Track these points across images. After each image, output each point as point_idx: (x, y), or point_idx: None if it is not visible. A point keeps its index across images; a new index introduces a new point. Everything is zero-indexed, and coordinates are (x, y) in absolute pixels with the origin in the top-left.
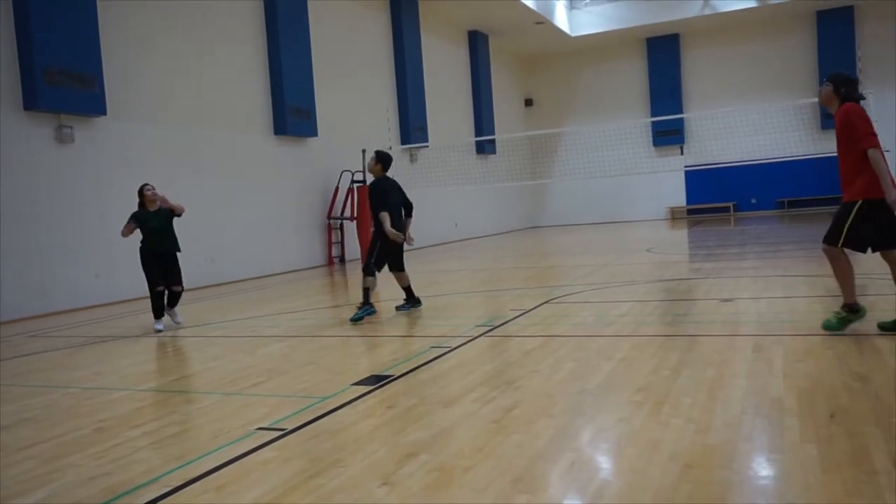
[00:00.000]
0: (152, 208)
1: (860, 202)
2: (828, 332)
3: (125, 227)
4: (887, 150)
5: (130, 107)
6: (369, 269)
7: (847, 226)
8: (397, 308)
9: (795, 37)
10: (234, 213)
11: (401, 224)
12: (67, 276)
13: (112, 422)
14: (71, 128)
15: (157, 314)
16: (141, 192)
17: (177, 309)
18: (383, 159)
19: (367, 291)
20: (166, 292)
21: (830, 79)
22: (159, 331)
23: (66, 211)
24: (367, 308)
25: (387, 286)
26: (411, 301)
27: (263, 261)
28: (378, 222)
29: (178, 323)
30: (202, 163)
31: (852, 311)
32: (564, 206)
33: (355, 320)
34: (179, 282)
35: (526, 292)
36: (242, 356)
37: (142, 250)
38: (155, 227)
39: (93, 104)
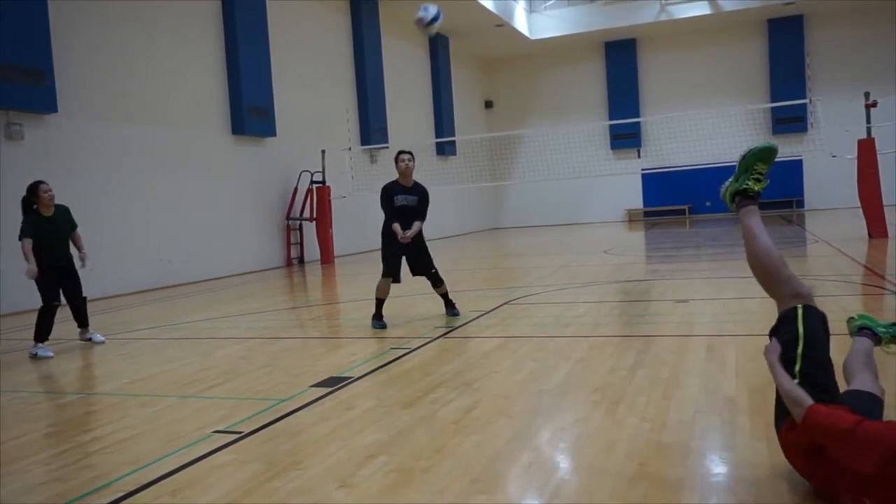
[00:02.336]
0: (48, 213)
1: None
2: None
3: (26, 243)
4: (834, 156)
5: (83, 104)
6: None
7: None
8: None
9: (748, 43)
10: (190, 213)
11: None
12: (16, 276)
13: (62, 426)
14: (20, 125)
15: (46, 336)
16: (34, 192)
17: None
18: None
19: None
20: (61, 308)
21: None
22: (48, 357)
23: (16, 210)
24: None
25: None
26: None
27: (221, 262)
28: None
29: (100, 341)
30: (157, 162)
31: None
32: (524, 208)
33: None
34: (80, 294)
35: (485, 293)
36: (199, 358)
37: (39, 271)
38: (53, 237)
39: (43, 101)
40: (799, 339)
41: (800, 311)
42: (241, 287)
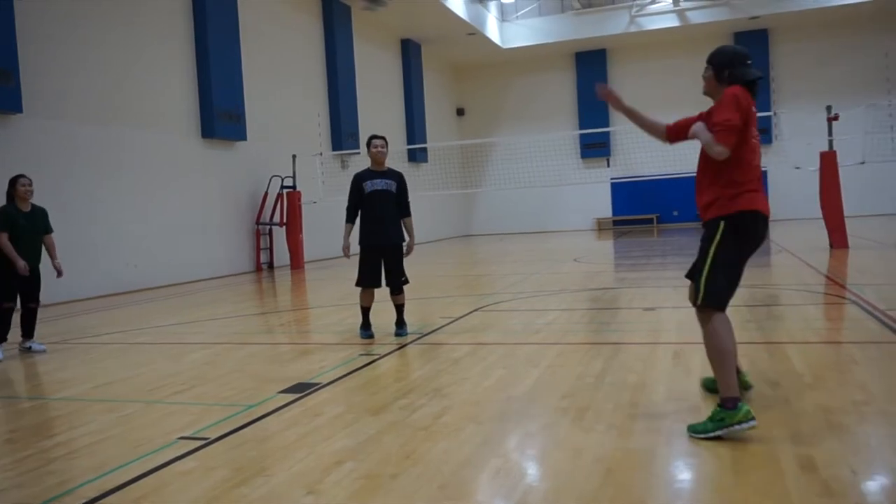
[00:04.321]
0: (25, 208)
1: None
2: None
3: (1, 236)
4: (797, 167)
5: (49, 104)
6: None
7: None
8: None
9: None
10: (159, 216)
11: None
12: None
13: (23, 432)
14: None
15: (2, 337)
16: (13, 184)
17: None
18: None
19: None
20: (18, 311)
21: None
22: None
23: None
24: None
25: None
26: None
27: (189, 266)
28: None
29: (42, 350)
30: (126, 164)
31: None
32: (494, 216)
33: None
34: (37, 297)
35: (456, 300)
36: (166, 363)
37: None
38: (27, 235)
39: (8, 101)
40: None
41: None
42: (209, 292)
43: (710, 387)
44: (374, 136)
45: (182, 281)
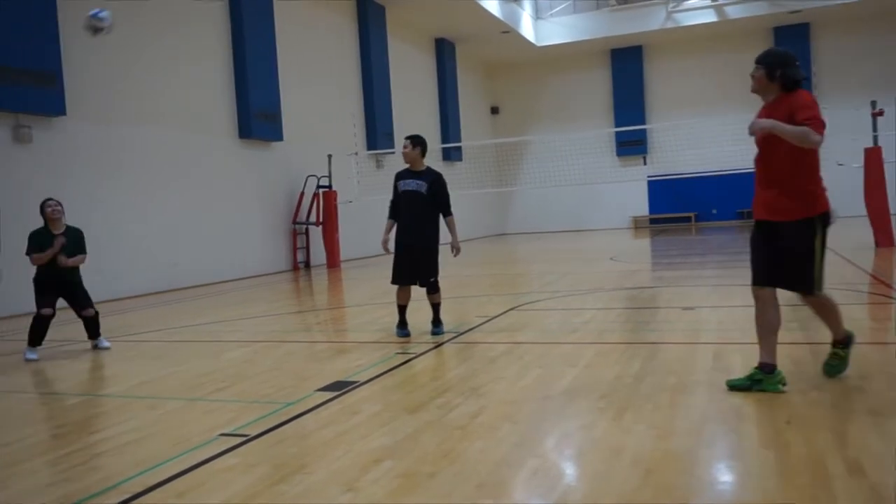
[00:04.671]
0: (56, 229)
1: None
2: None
3: (33, 259)
4: (840, 164)
5: (91, 107)
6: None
7: None
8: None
9: (754, 51)
10: (197, 216)
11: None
12: (20, 279)
13: (69, 427)
14: (29, 127)
15: (35, 341)
16: (42, 209)
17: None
18: (423, 145)
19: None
20: (82, 320)
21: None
22: (32, 360)
23: (23, 213)
24: (408, 330)
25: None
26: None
27: (227, 265)
28: (431, 226)
29: (105, 347)
30: (164, 165)
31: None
32: (529, 214)
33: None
34: (89, 305)
35: (492, 299)
36: (205, 361)
37: (37, 279)
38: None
39: (52, 103)
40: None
41: None
42: (246, 291)
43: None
44: (406, 137)
45: (220, 280)
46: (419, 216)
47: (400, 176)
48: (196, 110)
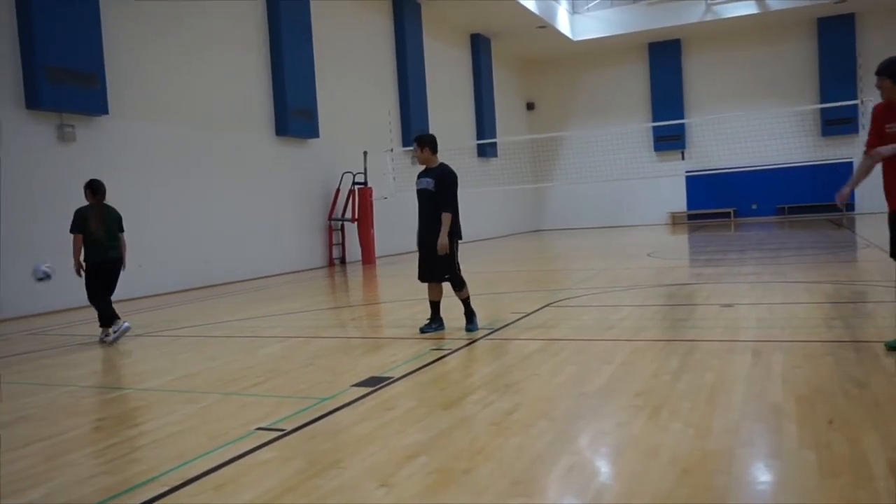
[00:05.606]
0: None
1: None
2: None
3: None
4: None
5: (132, 106)
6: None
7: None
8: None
9: (796, 43)
10: (234, 213)
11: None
12: (64, 275)
13: (110, 421)
14: (73, 126)
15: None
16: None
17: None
18: (431, 143)
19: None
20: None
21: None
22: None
23: (65, 210)
24: (441, 323)
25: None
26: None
27: (263, 261)
28: (439, 223)
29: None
30: (203, 162)
31: None
32: (566, 210)
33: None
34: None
35: (526, 296)
36: (241, 356)
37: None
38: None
39: (95, 103)
40: None
41: None
42: (282, 287)
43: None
44: (413, 140)
45: (256, 276)
46: (429, 214)
47: (418, 175)
48: (233, 108)
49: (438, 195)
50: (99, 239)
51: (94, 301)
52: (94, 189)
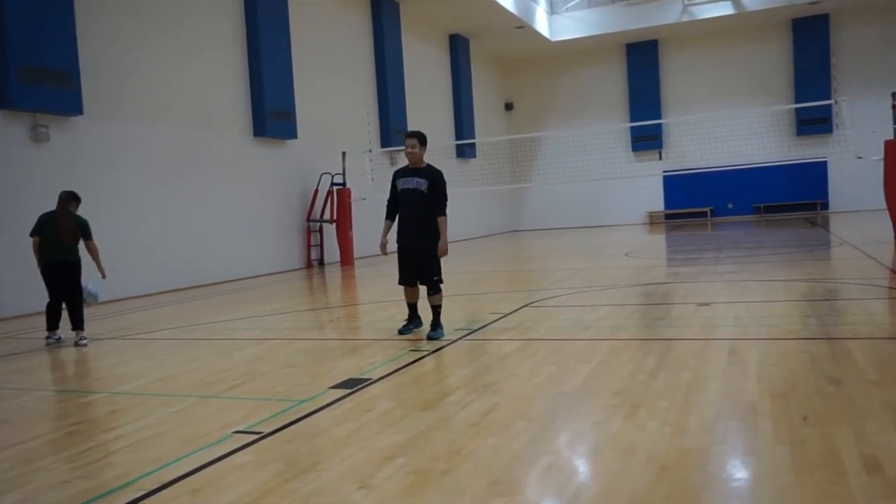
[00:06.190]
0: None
1: None
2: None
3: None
4: (860, 157)
5: (108, 106)
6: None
7: None
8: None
9: (772, 44)
10: (211, 214)
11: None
12: (39, 278)
13: (86, 425)
14: (46, 127)
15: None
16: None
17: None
18: (426, 141)
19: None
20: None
21: None
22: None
23: (38, 212)
24: (419, 321)
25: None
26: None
27: (241, 263)
28: (431, 226)
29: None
30: (179, 164)
31: None
32: (544, 210)
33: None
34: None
35: (505, 296)
36: (219, 359)
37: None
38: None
39: (69, 103)
40: None
41: None
42: (261, 288)
43: None
44: (405, 135)
45: (234, 278)
46: (420, 215)
47: (399, 174)
48: (211, 109)
49: (434, 199)
50: (50, 242)
51: (49, 304)
52: (59, 197)
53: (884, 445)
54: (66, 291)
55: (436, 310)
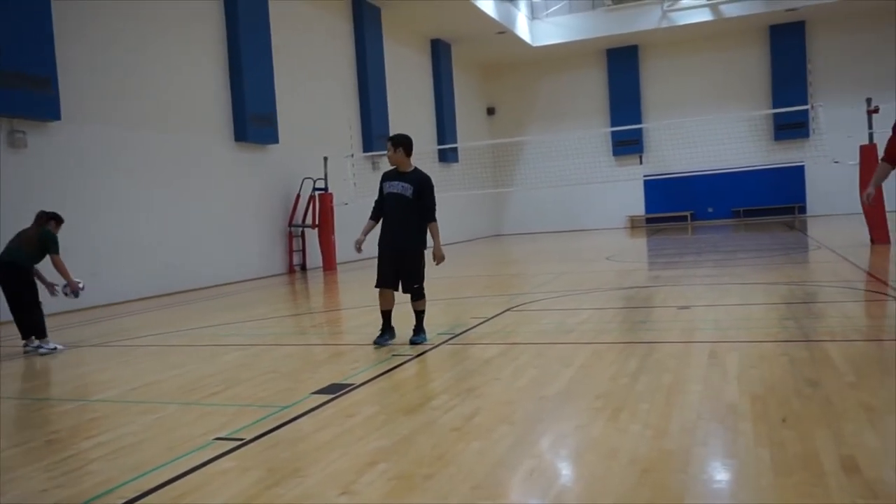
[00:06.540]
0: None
1: None
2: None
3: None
4: (836, 162)
5: (86, 111)
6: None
7: None
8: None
9: (750, 50)
10: (193, 220)
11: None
12: None
13: (64, 433)
14: (24, 132)
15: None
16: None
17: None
18: (406, 144)
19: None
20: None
21: None
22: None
23: (18, 219)
24: (392, 332)
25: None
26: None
27: (223, 268)
28: (426, 233)
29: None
30: (160, 169)
31: None
32: (525, 215)
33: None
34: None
35: (487, 300)
36: (201, 365)
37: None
38: None
39: (47, 108)
40: None
41: None
42: (242, 294)
43: None
44: (387, 139)
45: (216, 283)
46: (404, 220)
47: (386, 177)
48: (191, 113)
49: (422, 204)
50: (8, 246)
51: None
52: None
53: (861, 447)
54: (10, 296)
55: (419, 315)
